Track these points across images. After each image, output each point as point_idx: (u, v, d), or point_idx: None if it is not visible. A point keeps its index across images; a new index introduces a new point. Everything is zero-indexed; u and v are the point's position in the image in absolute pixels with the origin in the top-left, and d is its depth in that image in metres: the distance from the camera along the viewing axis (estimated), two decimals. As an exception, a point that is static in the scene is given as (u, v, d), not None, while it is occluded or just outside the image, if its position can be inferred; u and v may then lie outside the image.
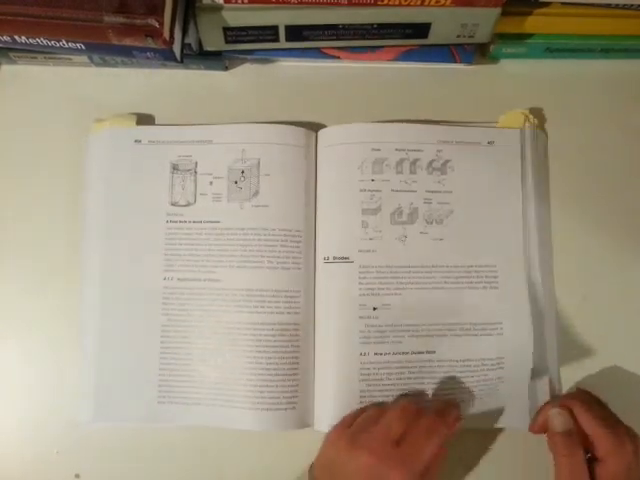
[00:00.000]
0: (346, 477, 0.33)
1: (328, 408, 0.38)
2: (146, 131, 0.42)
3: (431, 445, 0.33)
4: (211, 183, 0.41)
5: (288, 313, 0.39)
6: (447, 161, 0.41)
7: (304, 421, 0.39)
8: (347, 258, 0.39)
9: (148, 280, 0.40)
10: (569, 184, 0.43)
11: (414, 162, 0.41)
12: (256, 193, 0.40)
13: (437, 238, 0.40)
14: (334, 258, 0.40)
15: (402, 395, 0.38)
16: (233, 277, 0.39)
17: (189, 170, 0.41)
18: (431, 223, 0.40)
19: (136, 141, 0.42)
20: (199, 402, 0.39)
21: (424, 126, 0.42)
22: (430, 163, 0.41)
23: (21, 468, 0.40)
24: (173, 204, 0.41)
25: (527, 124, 0.42)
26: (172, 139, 0.42)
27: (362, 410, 0.37)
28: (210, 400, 0.39)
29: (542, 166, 0.43)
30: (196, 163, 0.41)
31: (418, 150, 0.41)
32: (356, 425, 0.35)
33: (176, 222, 0.41)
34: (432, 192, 0.41)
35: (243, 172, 0.41)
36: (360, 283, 0.39)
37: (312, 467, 0.36)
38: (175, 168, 0.41)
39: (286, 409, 0.38)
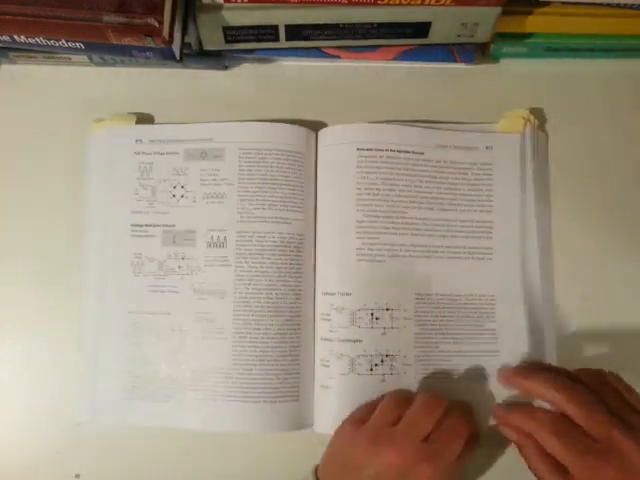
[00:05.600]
0: (365, 478, 0.31)
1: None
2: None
3: (459, 442, 0.32)
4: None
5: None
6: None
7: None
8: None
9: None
10: (569, 184, 0.43)
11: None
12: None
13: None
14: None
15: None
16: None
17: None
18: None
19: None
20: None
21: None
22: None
23: (21, 468, 0.40)
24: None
25: (527, 126, 0.42)
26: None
27: (371, 405, 0.35)
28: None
29: (542, 167, 0.42)
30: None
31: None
32: (374, 422, 0.33)
33: None
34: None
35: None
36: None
37: (317, 469, 0.35)
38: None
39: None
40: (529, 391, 0.35)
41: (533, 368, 0.37)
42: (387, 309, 0.39)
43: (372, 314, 0.38)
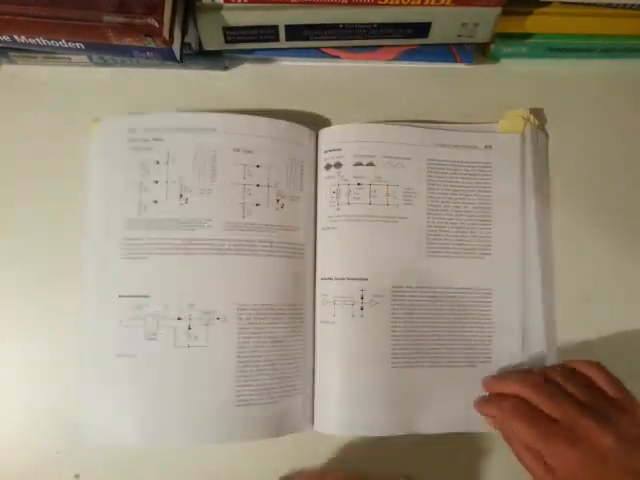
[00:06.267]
0: None
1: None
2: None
3: None
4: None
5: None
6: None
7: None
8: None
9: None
10: (570, 184, 0.43)
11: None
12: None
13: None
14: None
15: None
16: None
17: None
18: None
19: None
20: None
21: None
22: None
23: (21, 468, 0.40)
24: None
25: (527, 126, 0.42)
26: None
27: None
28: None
29: (542, 167, 0.43)
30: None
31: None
32: None
33: None
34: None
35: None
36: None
37: None
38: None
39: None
40: (504, 391, 0.36)
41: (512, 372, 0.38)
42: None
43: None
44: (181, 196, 0.39)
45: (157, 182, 0.39)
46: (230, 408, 0.37)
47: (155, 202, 0.39)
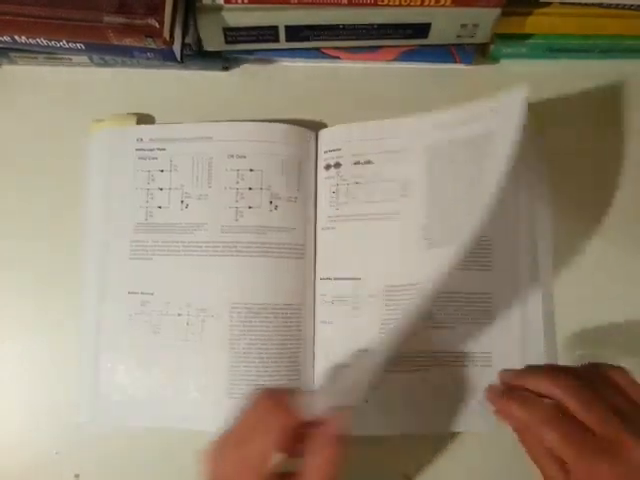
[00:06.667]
0: None
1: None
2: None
3: (267, 439, 0.29)
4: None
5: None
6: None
7: None
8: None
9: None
10: (568, 184, 0.43)
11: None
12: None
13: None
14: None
15: None
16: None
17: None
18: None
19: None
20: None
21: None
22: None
23: (21, 468, 0.40)
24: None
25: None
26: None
27: None
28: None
29: (542, 167, 0.42)
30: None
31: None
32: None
33: None
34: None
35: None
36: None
37: None
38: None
39: None
40: (529, 387, 0.32)
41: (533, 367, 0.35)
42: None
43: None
44: (182, 202, 0.41)
45: (162, 189, 0.41)
46: (223, 400, 0.38)
47: (159, 208, 0.41)
